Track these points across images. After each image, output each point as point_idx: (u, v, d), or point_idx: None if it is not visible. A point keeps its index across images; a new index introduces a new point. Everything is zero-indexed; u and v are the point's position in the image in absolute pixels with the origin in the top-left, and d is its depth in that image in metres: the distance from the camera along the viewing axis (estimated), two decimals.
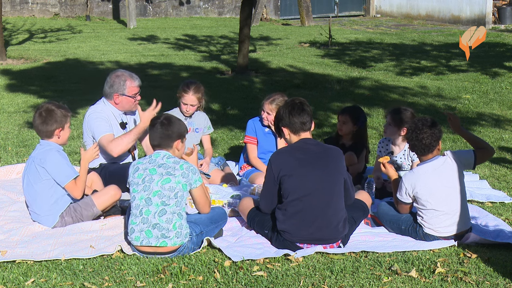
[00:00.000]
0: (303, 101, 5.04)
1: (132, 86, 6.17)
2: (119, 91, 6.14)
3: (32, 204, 5.39)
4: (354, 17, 24.47)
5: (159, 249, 4.80)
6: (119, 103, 6.19)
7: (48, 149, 5.34)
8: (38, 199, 5.33)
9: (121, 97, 6.17)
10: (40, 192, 5.31)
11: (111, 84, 6.16)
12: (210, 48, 16.52)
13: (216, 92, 10.88)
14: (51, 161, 5.28)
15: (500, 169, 6.99)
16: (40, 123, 5.34)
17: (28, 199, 5.42)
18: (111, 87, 6.16)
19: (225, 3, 23.80)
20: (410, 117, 6.02)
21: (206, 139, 6.87)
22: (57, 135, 5.38)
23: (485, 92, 11.08)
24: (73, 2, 22.00)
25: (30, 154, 5.50)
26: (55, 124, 5.34)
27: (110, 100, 6.20)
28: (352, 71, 13.30)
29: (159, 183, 4.83)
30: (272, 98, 6.52)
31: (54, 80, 12.05)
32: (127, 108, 6.26)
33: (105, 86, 6.20)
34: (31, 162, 5.36)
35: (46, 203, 5.32)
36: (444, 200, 5.01)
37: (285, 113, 4.99)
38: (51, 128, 5.34)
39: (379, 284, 4.37)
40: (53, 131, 5.35)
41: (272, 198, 5.02)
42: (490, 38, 17.31)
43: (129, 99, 6.20)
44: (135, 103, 6.24)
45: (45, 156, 5.29)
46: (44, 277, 4.46)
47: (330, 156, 4.97)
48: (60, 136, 5.40)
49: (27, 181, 5.38)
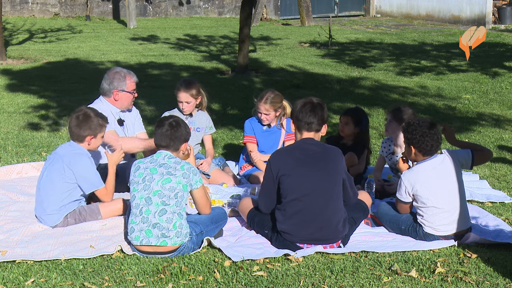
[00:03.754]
0: (318, 103, 5.01)
1: (132, 82, 6.24)
2: (119, 87, 6.17)
3: (43, 199, 5.37)
4: (354, 17, 24.47)
5: (159, 249, 4.80)
6: (118, 99, 6.22)
7: (79, 153, 5.38)
8: (52, 196, 5.33)
9: (120, 93, 6.19)
10: (57, 190, 5.32)
11: (110, 81, 6.19)
12: (210, 48, 16.52)
13: (216, 92, 10.88)
14: (81, 167, 5.32)
15: (500, 169, 6.99)
16: (74, 126, 5.41)
17: (41, 193, 5.40)
18: (111, 84, 6.18)
19: (225, 3, 23.80)
20: (411, 114, 6.03)
21: (208, 139, 6.86)
22: (88, 141, 5.44)
23: (485, 92, 11.08)
24: (73, 2, 22.01)
25: (55, 150, 5.52)
26: (88, 130, 5.41)
27: (108, 98, 6.22)
28: (352, 71, 13.30)
29: (160, 183, 4.84)
30: (265, 98, 6.53)
31: (54, 80, 12.05)
32: (126, 105, 6.30)
33: (103, 83, 6.22)
34: (59, 159, 5.36)
35: (58, 202, 5.32)
36: (443, 198, 5.02)
37: (296, 107, 5.02)
38: (84, 133, 5.41)
39: (379, 284, 4.37)
40: (85, 136, 5.42)
41: (271, 198, 5.02)
42: (490, 38, 17.31)
43: (128, 95, 6.23)
44: (132, 99, 6.29)
45: (76, 159, 5.33)
46: (44, 277, 4.46)
47: (330, 156, 4.96)
48: (91, 143, 5.46)
49: (48, 175, 5.37)
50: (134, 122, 6.50)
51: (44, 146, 7.77)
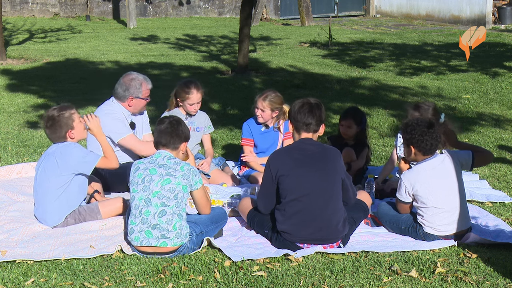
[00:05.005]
0: (316, 104, 5.00)
1: (147, 89, 6.26)
2: (134, 94, 6.18)
3: (41, 199, 5.37)
4: (354, 17, 24.47)
5: (159, 249, 4.79)
6: (132, 105, 6.24)
7: (66, 144, 5.39)
8: (50, 194, 5.33)
9: (135, 100, 6.21)
10: (53, 186, 5.32)
11: (126, 87, 6.18)
12: (210, 48, 16.52)
13: (216, 92, 10.89)
14: (73, 152, 5.33)
15: (500, 169, 6.99)
16: (50, 133, 5.42)
17: (39, 193, 5.40)
18: (127, 90, 6.18)
19: (225, 3, 23.80)
20: (432, 113, 5.97)
21: (207, 139, 6.86)
22: (69, 136, 5.43)
23: (485, 92, 11.08)
24: (73, 2, 22.01)
25: (45, 151, 5.53)
26: (63, 128, 5.40)
27: (122, 103, 6.23)
28: (352, 71, 13.30)
29: (159, 184, 4.83)
30: (265, 95, 6.54)
31: (54, 80, 12.05)
32: (138, 110, 6.34)
33: (118, 88, 6.21)
34: (49, 156, 5.38)
35: (56, 199, 5.32)
36: (443, 198, 5.02)
37: (294, 108, 5.01)
38: (61, 133, 5.41)
39: (379, 284, 4.37)
40: (64, 134, 5.41)
41: (270, 198, 5.02)
42: (490, 38, 17.31)
43: (142, 102, 6.27)
44: (145, 105, 6.34)
45: (65, 149, 5.35)
46: (44, 277, 4.46)
47: (328, 156, 4.96)
48: (74, 135, 5.45)
49: (42, 175, 5.37)
50: (143, 124, 6.52)
51: (44, 146, 7.77)
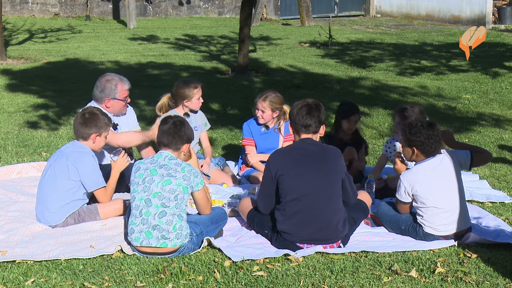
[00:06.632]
0: (314, 105, 4.99)
1: (123, 90, 6.24)
2: (110, 95, 6.18)
3: (46, 196, 5.37)
4: (354, 17, 24.46)
5: (159, 250, 4.79)
6: (110, 106, 6.22)
7: (84, 151, 5.40)
8: (55, 194, 5.33)
9: (112, 101, 6.20)
10: (60, 188, 5.32)
11: (102, 88, 6.18)
12: (210, 48, 16.52)
13: (216, 92, 10.88)
14: (86, 165, 5.34)
15: (500, 169, 6.99)
16: (80, 123, 5.44)
17: (44, 190, 5.40)
18: (102, 92, 6.18)
19: (225, 3, 23.80)
20: (418, 113, 6.02)
21: (204, 136, 6.86)
22: (93, 139, 5.46)
23: (485, 92, 11.08)
24: (73, 2, 22.00)
25: (60, 149, 5.55)
26: (94, 128, 5.43)
27: (101, 104, 6.22)
28: (352, 71, 13.30)
29: (159, 185, 4.83)
30: (265, 95, 6.54)
31: (54, 80, 12.05)
32: (118, 111, 6.32)
33: (95, 90, 6.22)
34: (63, 157, 5.38)
35: (60, 200, 5.33)
36: (443, 198, 5.02)
37: (293, 110, 5.01)
38: (90, 131, 5.43)
39: (379, 284, 4.37)
40: (90, 134, 5.44)
41: (270, 198, 5.02)
42: (490, 38, 17.31)
43: (120, 103, 6.25)
44: (125, 105, 6.30)
45: (81, 157, 5.35)
46: (44, 277, 4.46)
47: (329, 156, 4.96)
48: (96, 142, 5.48)
49: (52, 173, 5.37)
50: (129, 121, 6.50)
51: (44, 146, 7.77)
